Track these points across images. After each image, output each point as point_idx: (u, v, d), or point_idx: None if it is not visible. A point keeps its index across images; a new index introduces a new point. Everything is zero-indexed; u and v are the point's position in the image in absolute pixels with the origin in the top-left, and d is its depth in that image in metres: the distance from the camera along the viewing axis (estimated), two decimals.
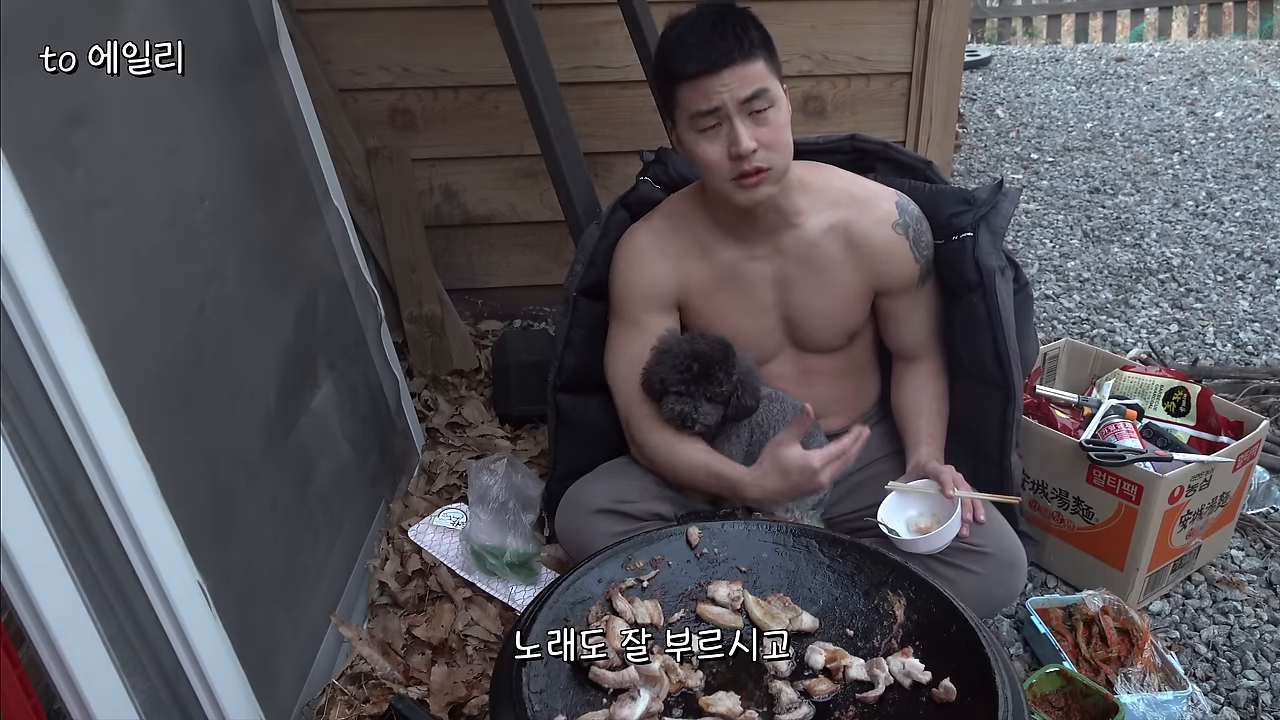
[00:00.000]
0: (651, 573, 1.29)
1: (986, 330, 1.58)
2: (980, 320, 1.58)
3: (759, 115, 1.45)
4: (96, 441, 1.08)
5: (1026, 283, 1.65)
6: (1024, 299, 1.65)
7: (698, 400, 1.56)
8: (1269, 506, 2.07)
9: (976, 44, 6.39)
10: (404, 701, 1.42)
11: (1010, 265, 1.62)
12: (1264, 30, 6.43)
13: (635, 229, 1.69)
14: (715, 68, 1.43)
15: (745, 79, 1.43)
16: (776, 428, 1.65)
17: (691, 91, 1.46)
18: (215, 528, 1.32)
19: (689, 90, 1.46)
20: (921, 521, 1.53)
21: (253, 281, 1.55)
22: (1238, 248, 3.40)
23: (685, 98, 1.48)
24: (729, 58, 1.42)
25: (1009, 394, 1.59)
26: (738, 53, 1.43)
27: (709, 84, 1.44)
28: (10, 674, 1.03)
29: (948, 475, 1.52)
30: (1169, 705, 1.53)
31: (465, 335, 2.59)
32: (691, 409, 1.56)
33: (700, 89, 1.45)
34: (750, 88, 1.44)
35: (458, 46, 2.45)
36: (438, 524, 1.92)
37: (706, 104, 1.45)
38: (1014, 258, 1.64)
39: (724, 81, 1.43)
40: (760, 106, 1.45)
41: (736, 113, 1.44)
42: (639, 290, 1.65)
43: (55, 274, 1.05)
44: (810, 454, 1.47)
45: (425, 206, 2.61)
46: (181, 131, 1.41)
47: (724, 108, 1.44)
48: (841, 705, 1.14)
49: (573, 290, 1.73)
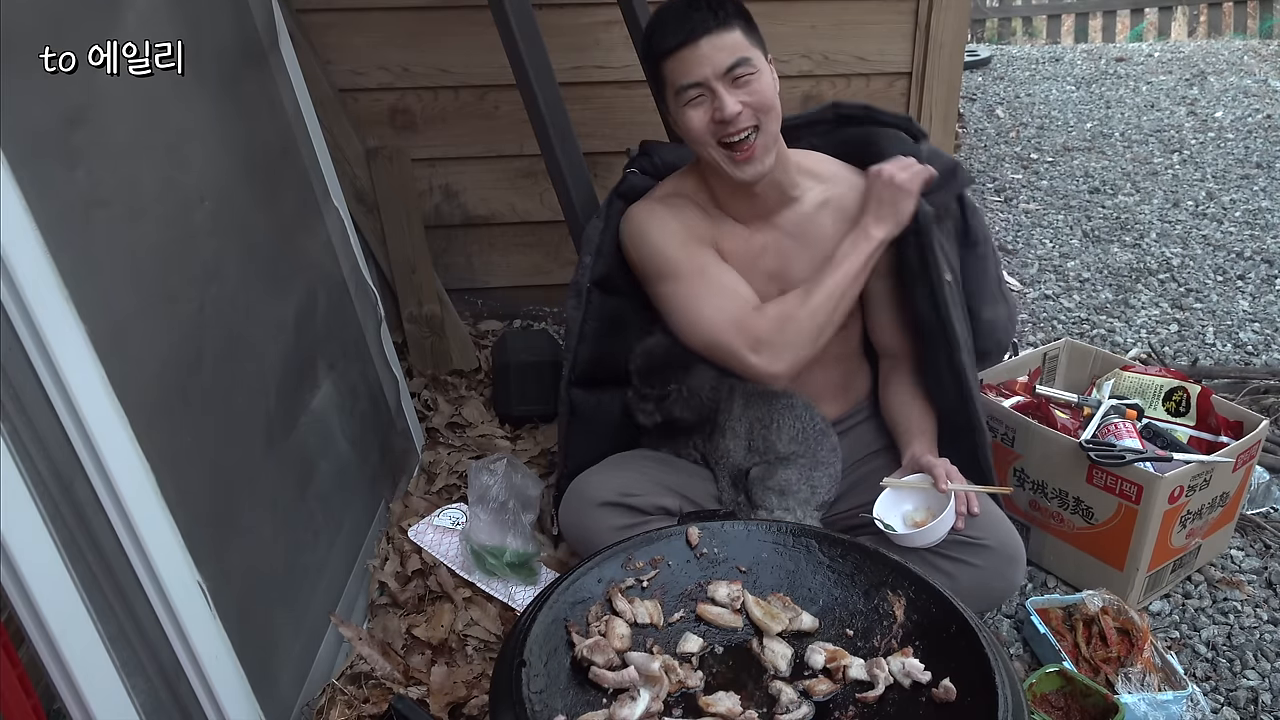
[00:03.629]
0: (651, 573, 1.29)
1: (924, 278, 1.59)
2: (913, 266, 1.60)
3: (742, 80, 1.48)
4: (96, 441, 1.08)
5: (977, 242, 1.66)
6: (976, 258, 1.66)
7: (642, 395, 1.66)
8: (1269, 506, 2.07)
9: (976, 44, 6.39)
10: (404, 701, 1.42)
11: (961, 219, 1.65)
12: (1264, 30, 6.43)
13: (637, 204, 1.70)
14: (692, 38, 1.47)
15: (723, 48, 1.47)
16: (782, 422, 1.66)
17: (673, 66, 1.50)
18: (215, 528, 1.32)
19: (671, 65, 1.50)
20: (917, 515, 1.54)
21: (253, 281, 1.55)
22: (1238, 248, 3.40)
23: (669, 73, 1.51)
24: (704, 27, 1.46)
25: (948, 339, 1.59)
26: (713, 21, 1.46)
27: (689, 55, 1.47)
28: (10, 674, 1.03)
29: (941, 469, 1.53)
30: (1169, 705, 1.53)
31: (465, 335, 2.59)
32: (635, 400, 1.67)
33: (681, 61, 1.48)
34: (730, 57, 1.47)
35: (458, 46, 2.45)
36: (438, 524, 1.92)
37: (688, 78, 1.49)
38: (972, 217, 1.66)
39: (702, 52, 1.47)
40: (742, 74, 1.48)
41: (719, 82, 1.48)
42: (678, 236, 1.63)
43: (55, 274, 1.06)
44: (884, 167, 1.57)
45: (425, 206, 2.61)
46: (181, 131, 1.41)
47: (705, 80, 1.48)
48: (841, 705, 1.14)
49: (585, 282, 1.70)
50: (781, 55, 1.54)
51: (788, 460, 1.65)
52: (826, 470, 1.66)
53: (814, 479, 1.65)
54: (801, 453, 1.65)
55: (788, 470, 1.63)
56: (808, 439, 1.66)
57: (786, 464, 1.64)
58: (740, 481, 1.68)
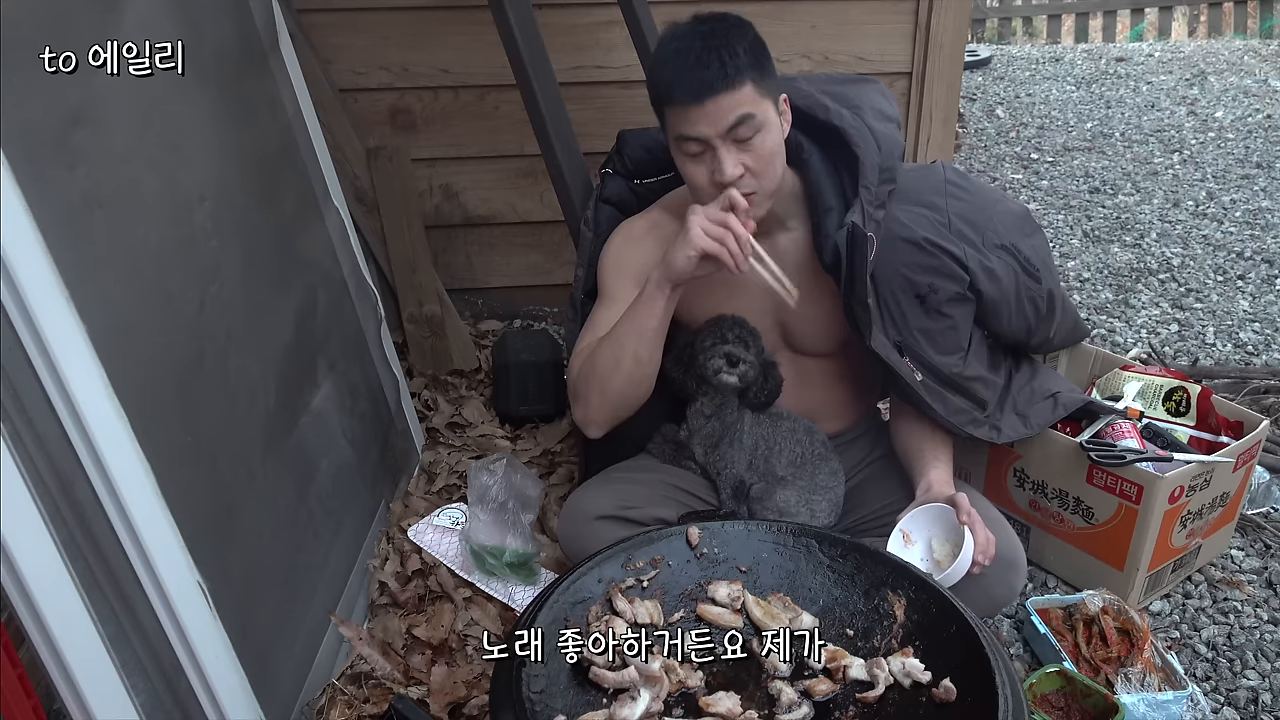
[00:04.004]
0: (651, 573, 1.29)
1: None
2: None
3: (745, 142, 1.43)
4: (96, 441, 1.08)
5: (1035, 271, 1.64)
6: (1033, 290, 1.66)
7: (740, 348, 1.59)
8: (1269, 506, 2.07)
9: (976, 44, 6.39)
10: (404, 701, 1.42)
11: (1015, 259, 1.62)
12: (1264, 30, 6.43)
13: (634, 219, 1.70)
14: (699, 99, 1.40)
15: (729, 107, 1.40)
16: (784, 444, 1.65)
17: (676, 117, 1.45)
18: (215, 528, 1.32)
19: (674, 115, 1.45)
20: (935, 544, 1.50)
21: (253, 281, 1.55)
22: (1238, 248, 3.40)
23: (671, 121, 1.47)
24: (711, 89, 1.39)
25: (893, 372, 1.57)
26: (721, 83, 1.39)
27: (693, 114, 1.42)
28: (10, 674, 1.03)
29: (963, 502, 1.47)
30: (1169, 705, 1.53)
31: (465, 335, 2.59)
32: (740, 350, 1.58)
33: (684, 117, 1.43)
34: (734, 115, 1.41)
35: (458, 46, 2.45)
36: (437, 524, 1.92)
37: (691, 131, 1.43)
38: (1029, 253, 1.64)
39: (707, 112, 1.41)
40: (746, 134, 1.42)
41: (721, 142, 1.43)
42: (624, 268, 1.64)
43: (55, 274, 1.05)
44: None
45: (425, 206, 2.61)
46: (181, 131, 1.41)
47: (708, 139, 1.43)
48: (841, 705, 1.14)
49: (579, 294, 1.74)
50: (781, 55, 1.52)
51: (785, 482, 1.65)
52: (826, 495, 1.66)
53: (812, 503, 1.64)
54: (799, 476, 1.65)
55: (786, 492, 1.63)
56: (806, 463, 1.66)
57: (785, 485, 1.64)
58: (742, 492, 1.67)
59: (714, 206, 1.44)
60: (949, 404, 1.62)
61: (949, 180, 1.63)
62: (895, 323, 1.58)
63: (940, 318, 1.59)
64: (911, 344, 1.59)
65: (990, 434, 1.68)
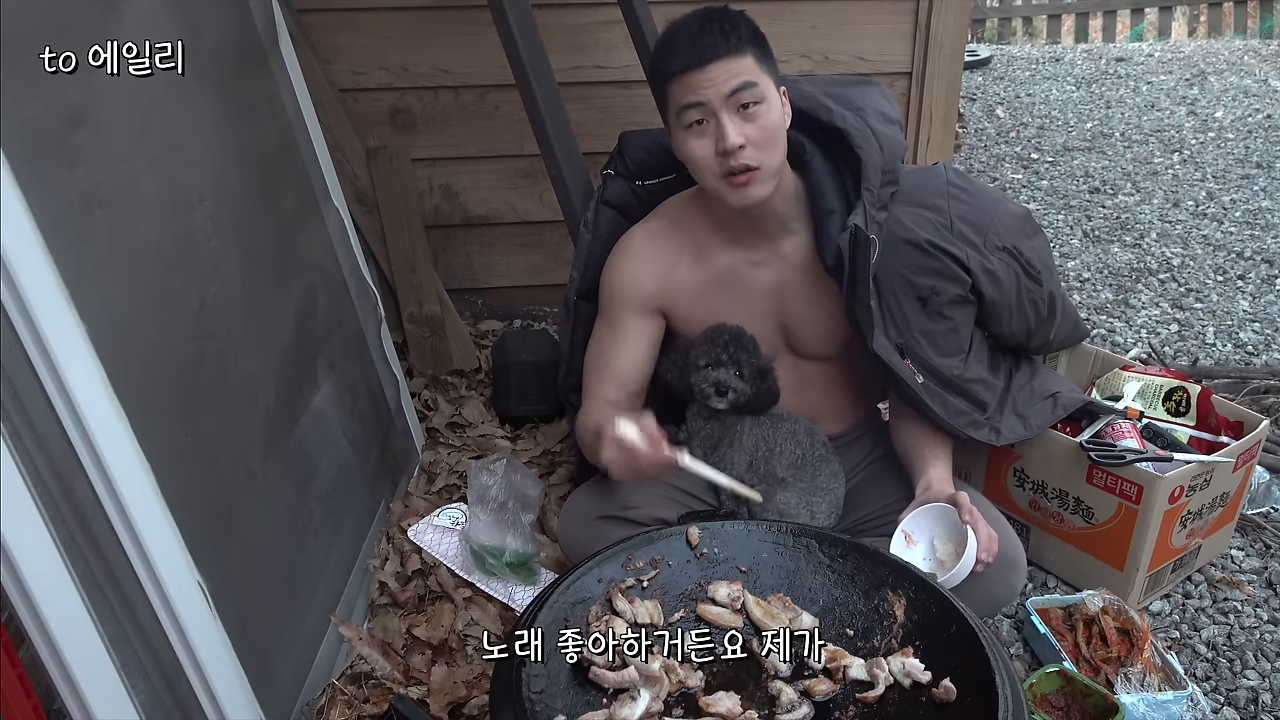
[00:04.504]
0: (651, 573, 1.29)
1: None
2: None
3: (747, 112, 1.44)
4: (96, 441, 1.08)
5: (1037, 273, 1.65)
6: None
7: (732, 371, 1.58)
8: (1269, 506, 2.07)
9: (976, 44, 6.39)
10: (404, 701, 1.42)
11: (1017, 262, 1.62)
12: (1264, 30, 6.43)
13: (633, 231, 1.70)
14: (701, 62, 1.42)
15: (731, 73, 1.42)
16: (784, 446, 1.65)
17: (679, 87, 1.46)
18: (215, 528, 1.32)
19: (677, 86, 1.46)
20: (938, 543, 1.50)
21: (253, 281, 1.55)
22: (1238, 248, 3.40)
23: (673, 94, 1.47)
24: (714, 52, 1.42)
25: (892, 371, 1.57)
26: (723, 47, 1.42)
27: (695, 79, 1.43)
28: (10, 674, 1.03)
29: (964, 500, 1.47)
30: (1169, 705, 1.53)
31: (465, 335, 2.59)
32: (730, 376, 1.57)
33: (686, 84, 1.44)
34: (736, 79, 1.42)
35: (458, 46, 2.45)
36: (437, 524, 1.92)
37: (693, 97, 1.44)
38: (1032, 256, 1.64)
39: (710, 75, 1.42)
40: (748, 100, 1.43)
41: (723, 108, 1.43)
42: (621, 292, 1.66)
43: (55, 274, 1.05)
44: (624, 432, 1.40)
45: (425, 206, 2.61)
46: (181, 131, 1.41)
47: (709, 103, 1.43)
48: (841, 705, 1.14)
49: (572, 296, 1.75)
50: (782, 55, 1.52)
51: (786, 484, 1.64)
52: (826, 496, 1.66)
53: (813, 504, 1.64)
54: (800, 478, 1.65)
55: (786, 494, 1.63)
56: (806, 465, 1.66)
57: (785, 487, 1.64)
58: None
59: (611, 448, 1.40)
60: (949, 406, 1.62)
61: (951, 182, 1.63)
62: (897, 325, 1.58)
63: (942, 320, 1.59)
64: (913, 346, 1.59)
65: (990, 436, 1.68)
